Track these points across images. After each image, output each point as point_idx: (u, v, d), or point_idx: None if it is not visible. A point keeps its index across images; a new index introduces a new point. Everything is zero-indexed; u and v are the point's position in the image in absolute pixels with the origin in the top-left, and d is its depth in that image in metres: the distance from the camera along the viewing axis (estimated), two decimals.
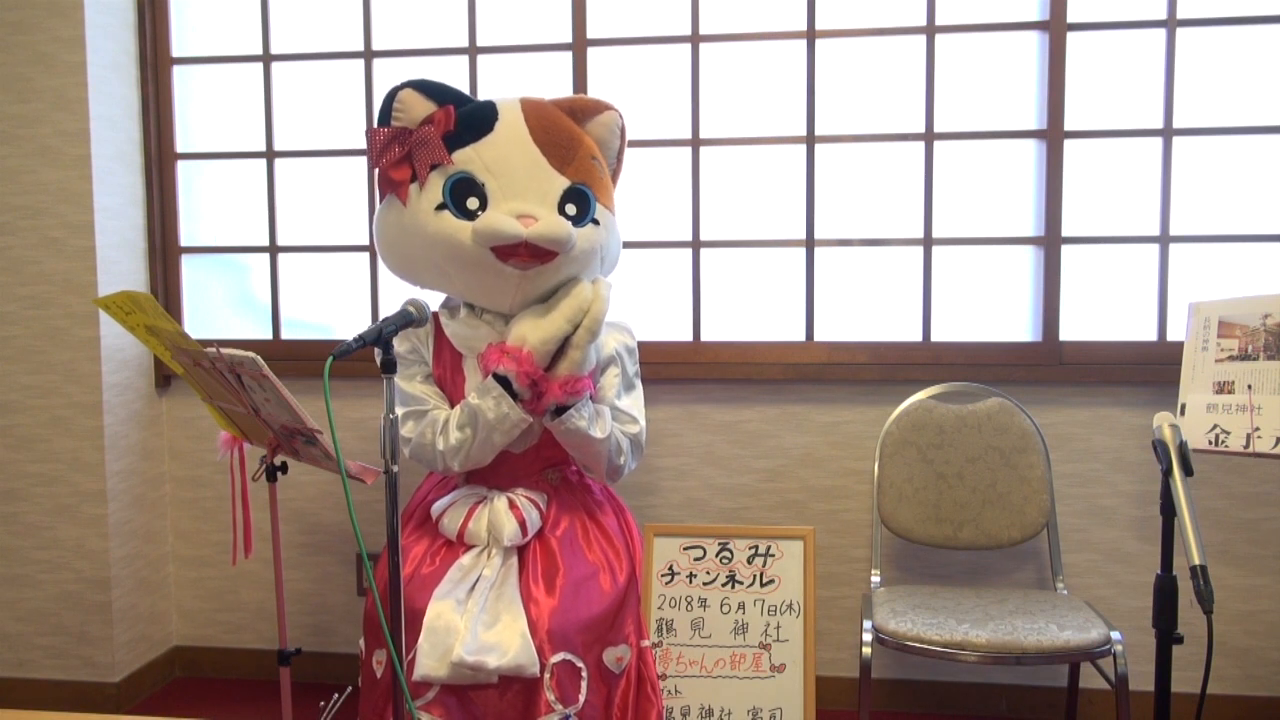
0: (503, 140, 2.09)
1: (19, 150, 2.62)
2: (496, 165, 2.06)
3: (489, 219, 2.01)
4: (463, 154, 2.07)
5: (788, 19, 2.62)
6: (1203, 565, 1.44)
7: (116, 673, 2.70)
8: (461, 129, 2.09)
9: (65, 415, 2.66)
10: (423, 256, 2.13)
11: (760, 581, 2.33)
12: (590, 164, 2.15)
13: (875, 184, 2.64)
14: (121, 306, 1.99)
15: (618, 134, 2.26)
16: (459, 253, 2.04)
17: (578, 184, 2.11)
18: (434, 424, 2.11)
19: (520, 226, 1.99)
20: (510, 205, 2.04)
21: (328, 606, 2.87)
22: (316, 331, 2.89)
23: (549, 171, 2.09)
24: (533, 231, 1.99)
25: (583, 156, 2.14)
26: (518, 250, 2.00)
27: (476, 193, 2.06)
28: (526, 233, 1.98)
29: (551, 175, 2.09)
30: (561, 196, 2.09)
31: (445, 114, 2.08)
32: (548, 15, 2.70)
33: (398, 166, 2.09)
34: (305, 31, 2.81)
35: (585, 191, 2.12)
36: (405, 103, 2.11)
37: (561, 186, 2.09)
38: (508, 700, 1.89)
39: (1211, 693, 2.53)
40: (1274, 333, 1.99)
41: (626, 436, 2.16)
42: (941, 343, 2.62)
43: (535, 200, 2.06)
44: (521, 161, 2.07)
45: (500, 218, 2.00)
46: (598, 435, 2.07)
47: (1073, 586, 2.57)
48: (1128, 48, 2.53)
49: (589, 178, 2.13)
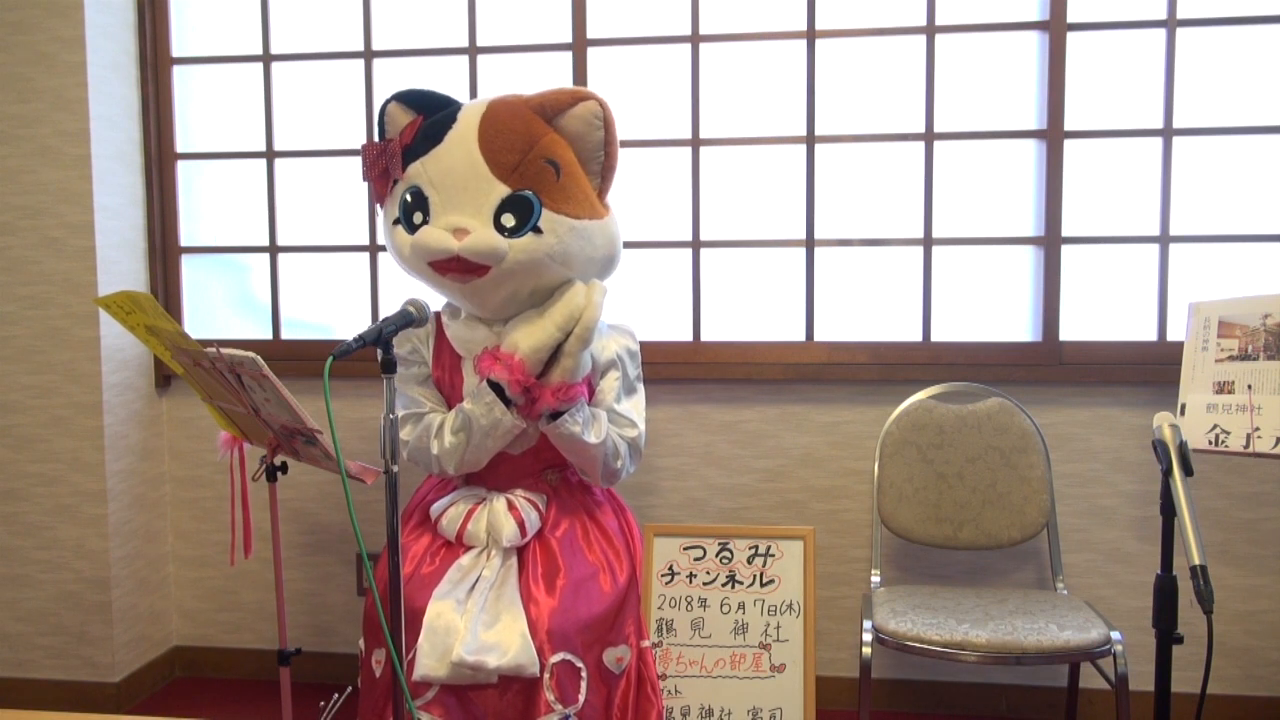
0: (448, 151, 2.08)
1: (19, 150, 2.62)
2: (439, 178, 2.07)
3: (421, 235, 2.04)
4: (413, 168, 2.10)
5: (788, 19, 2.62)
6: (1203, 565, 1.44)
7: (116, 673, 2.70)
8: (419, 140, 2.11)
9: (65, 415, 2.66)
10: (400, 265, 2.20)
11: (760, 581, 2.33)
12: (542, 168, 2.04)
13: (875, 184, 2.64)
14: (122, 306, 2.00)
15: (598, 125, 2.09)
16: (411, 266, 2.12)
17: (520, 191, 2.03)
18: (429, 428, 2.12)
19: (452, 241, 2.00)
20: (448, 218, 2.04)
21: (328, 606, 2.87)
22: (316, 331, 2.89)
23: (488, 180, 2.04)
24: (462, 246, 1.99)
25: (532, 161, 2.04)
26: (450, 265, 2.02)
27: (423, 207, 2.09)
28: (457, 247, 1.99)
29: (490, 184, 2.03)
30: (499, 206, 2.03)
31: (412, 126, 2.13)
32: (548, 15, 2.70)
33: (380, 180, 2.15)
34: (305, 31, 2.81)
35: (528, 198, 2.03)
36: (391, 116, 2.18)
37: (499, 196, 2.03)
38: (507, 700, 1.89)
39: (1211, 693, 2.53)
40: (1274, 333, 1.99)
41: (624, 440, 2.16)
42: (941, 343, 2.62)
43: (471, 212, 2.04)
44: (462, 172, 2.05)
45: (432, 233, 2.02)
46: (592, 440, 2.07)
47: (1073, 586, 2.57)
48: (1128, 48, 2.53)
49: (536, 183, 2.03)
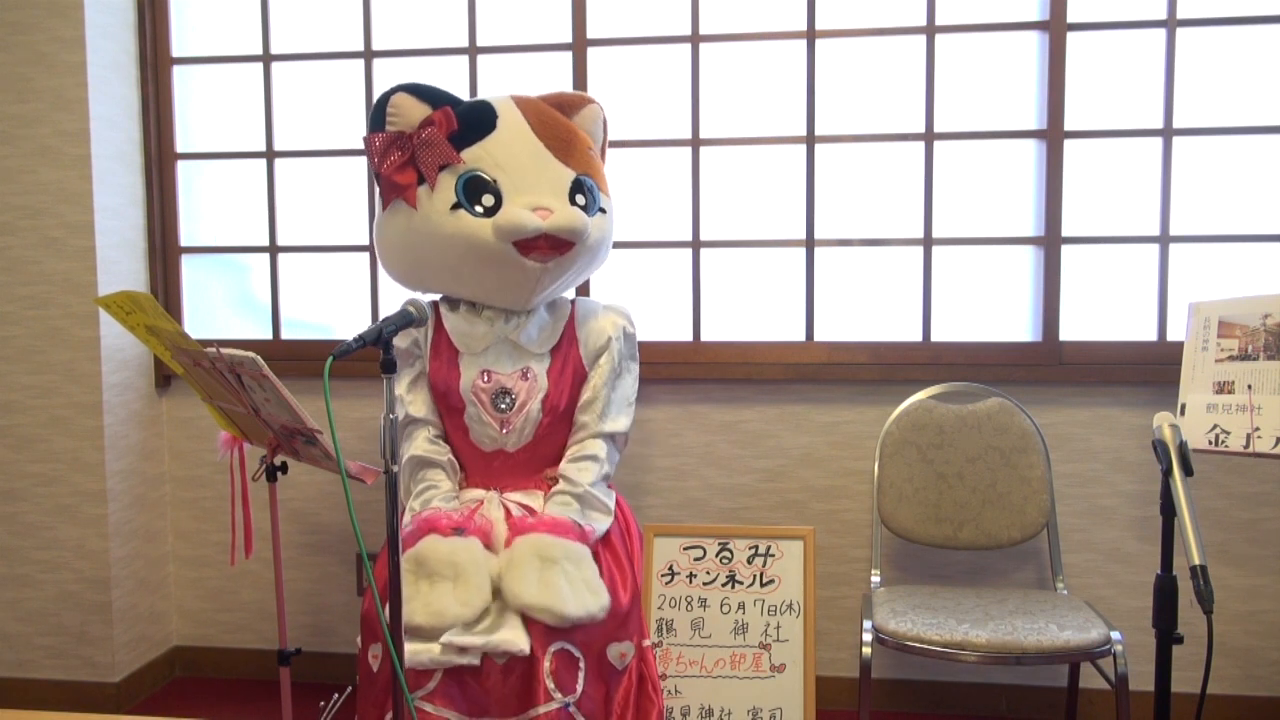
0: (507, 137, 2.11)
1: (19, 150, 2.62)
2: (506, 161, 2.08)
3: (509, 214, 2.03)
4: (471, 152, 2.08)
5: (788, 19, 2.62)
6: (1203, 565, 1.44)
7: (116, 673, 2.70)
8: (464, 128, 2.10)
9: (65, 415, 2.66)
10: (436, 258, 2.13)
11: (760, 581, 2.33)
12: (589, 155, 2.20)
13: (875, 184, 2.64)
14: (122, 306, 1.99)
15: (601, 126, 2.30)
16: (479, 250, 2.05)
17: (582, 175, 2.15)
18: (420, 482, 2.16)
19: (539, 219, 2.02)
20: (524, 199, 2.06)
21: (328, 606, 2.87)
22: (316, 331, 2.89)
23: (555, 164, 2.12)
24: (551, 223, 2.02)
25: (581, 148, 2.18)
26: (538, 243, 2.03)
27: (489, 190, 2.07)
28: (546, 225, 2.02)
29: (558, 167, 2.12)
30: (570, 187, 2.12)
31: (445, 115, 2.09)
32: (548, 15, 2.70)
33: (401, 171, 2.09)
34: (305, 31, 2.81)
35: (589, 182, 2.17)
36: (400, 106, 2.11)
37: (569, 178, 2.13)
38: (508, 688, 1.89)
39: (1211, 693, 2.53)
40: (1274, 333, 1.99)
41: (602, 437, 2.18)
42: (941, 343, 2.62)
43: (547, 192, 2.09)
44: (528, 156, 2.10)
45: (520, 212, 2.03)
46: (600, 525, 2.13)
47: (1073, 586, 2.57)
48: (1128, 48, 2.53)
49: (590, 169, 2.19)
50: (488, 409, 2.14)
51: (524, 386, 2.14)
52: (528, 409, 2.14)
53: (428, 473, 2.16)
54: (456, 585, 1.91)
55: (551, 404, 2.14)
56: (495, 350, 2.16)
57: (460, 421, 2.17)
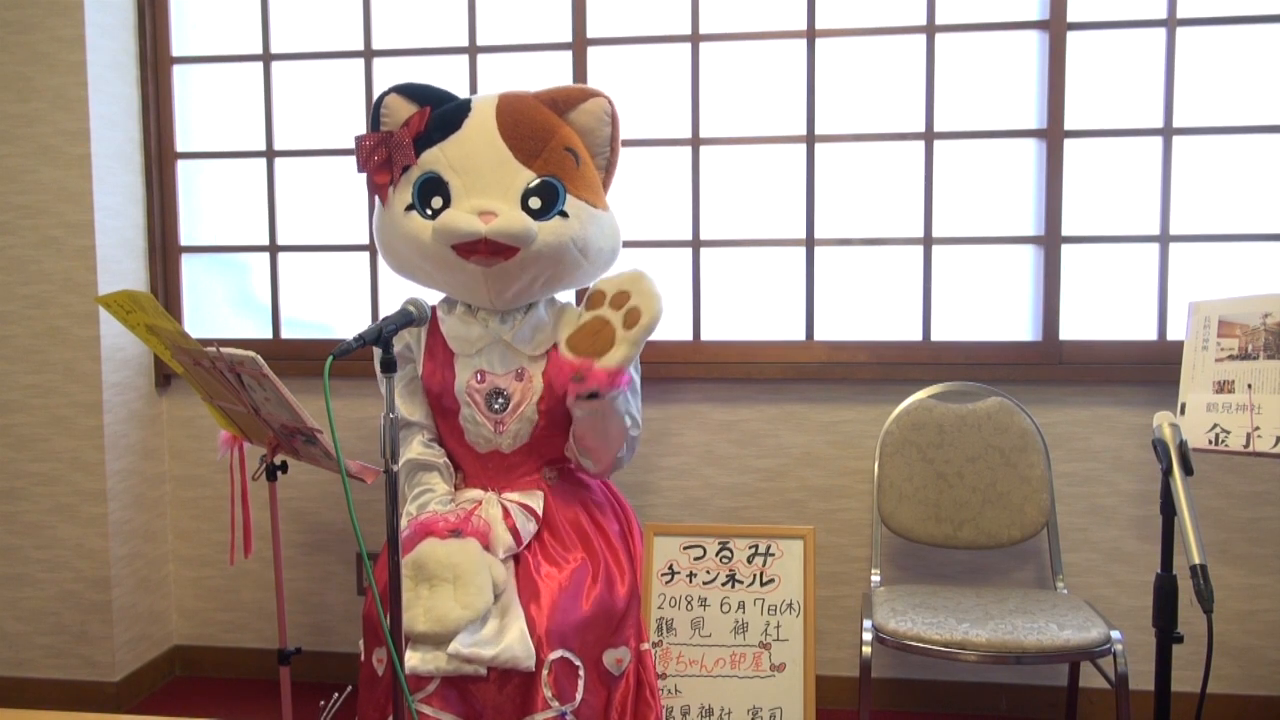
0: (468, 137, 2.10)
1: (19, 150, 2.62)
2: (460, 163, 2.08)
3: (446, 217, 2.03)
4: (429, 154, 2.10)
5: (788, 19, 2.62)
6: (1203, 564, 1.44)
7: (116, 672, 2.70)
8: (432, 129, 2.12)
9: (65, 415, 2.66)
10: (405, 257, 2.17)
11: (760, 581, 2.33)
12: (563, 156, 2.12)
13: (875, 183, 2.64)
14: (122, 305, 2.00)
15: (607, 121, 2.19)
16: (425, 251, 2.09)
17: (546, 177, 2.09)
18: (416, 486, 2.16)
19: (479, 223, 2.00)
20: (473, 202, 2.05)
21: (328, 606, 2.87)
22: (316, 331, 2.89)
23: (514, 166, 2.08)
24: (490, 227, 2.00)
25: (554, 149, 2.11)
26: (477, 247, 2.02)
27: (441, 191, 2.09)
28: (485, 229, 2.00)
29: (516, 170, 2.08)
30: (525, 191, 2.07)
31: (420, 116, 2.13)
32: (548, 15, 2.70)
33: (380, 170, 2.13)
34: (305, 31, 2.81)
35: (554, 184, 2.09)
36: (390, 108, 2.16)
37: (526, 180, 2.08)
38: (506, 694, 1.89)
39: (1211, 692, 2.53)
40: (1274, 332, 1.99)
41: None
42: (941, 342, 2.62)
43: (497, 196, 2.06)
44: (486, 157, 2.08)
45: (458, 215, 2.02)
46: (628, 422, 2.12)
47: (1073, 586, 2.57)
48: (1128, 47, 2.52)
49: (559, 170, 2.10)
50: (482, 410, 2.14)
51: (518, 387, 2.13)
52: (522, 410, 2.13)
53: (423, 476, 2.16)
54: (457, 588, 1.90)
55: (547, 405, 2.14)
56: (490, 351, 2.16)
57: (455, 423, 2.17)
